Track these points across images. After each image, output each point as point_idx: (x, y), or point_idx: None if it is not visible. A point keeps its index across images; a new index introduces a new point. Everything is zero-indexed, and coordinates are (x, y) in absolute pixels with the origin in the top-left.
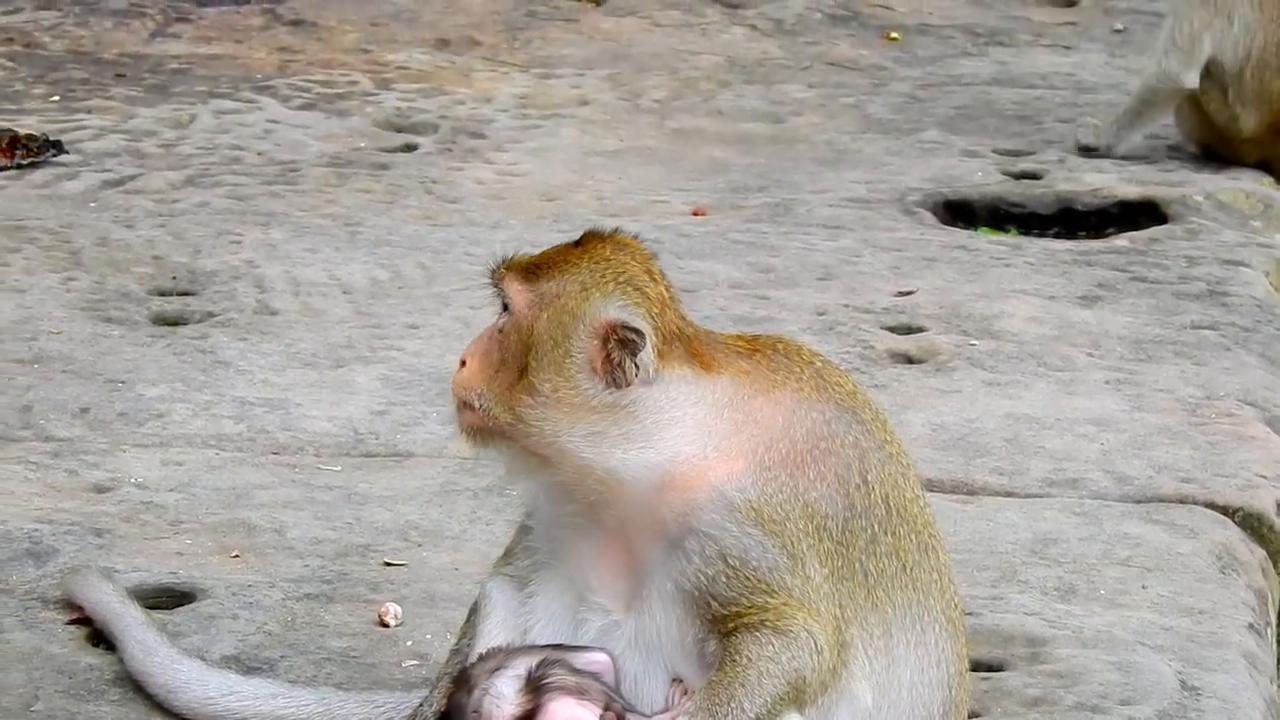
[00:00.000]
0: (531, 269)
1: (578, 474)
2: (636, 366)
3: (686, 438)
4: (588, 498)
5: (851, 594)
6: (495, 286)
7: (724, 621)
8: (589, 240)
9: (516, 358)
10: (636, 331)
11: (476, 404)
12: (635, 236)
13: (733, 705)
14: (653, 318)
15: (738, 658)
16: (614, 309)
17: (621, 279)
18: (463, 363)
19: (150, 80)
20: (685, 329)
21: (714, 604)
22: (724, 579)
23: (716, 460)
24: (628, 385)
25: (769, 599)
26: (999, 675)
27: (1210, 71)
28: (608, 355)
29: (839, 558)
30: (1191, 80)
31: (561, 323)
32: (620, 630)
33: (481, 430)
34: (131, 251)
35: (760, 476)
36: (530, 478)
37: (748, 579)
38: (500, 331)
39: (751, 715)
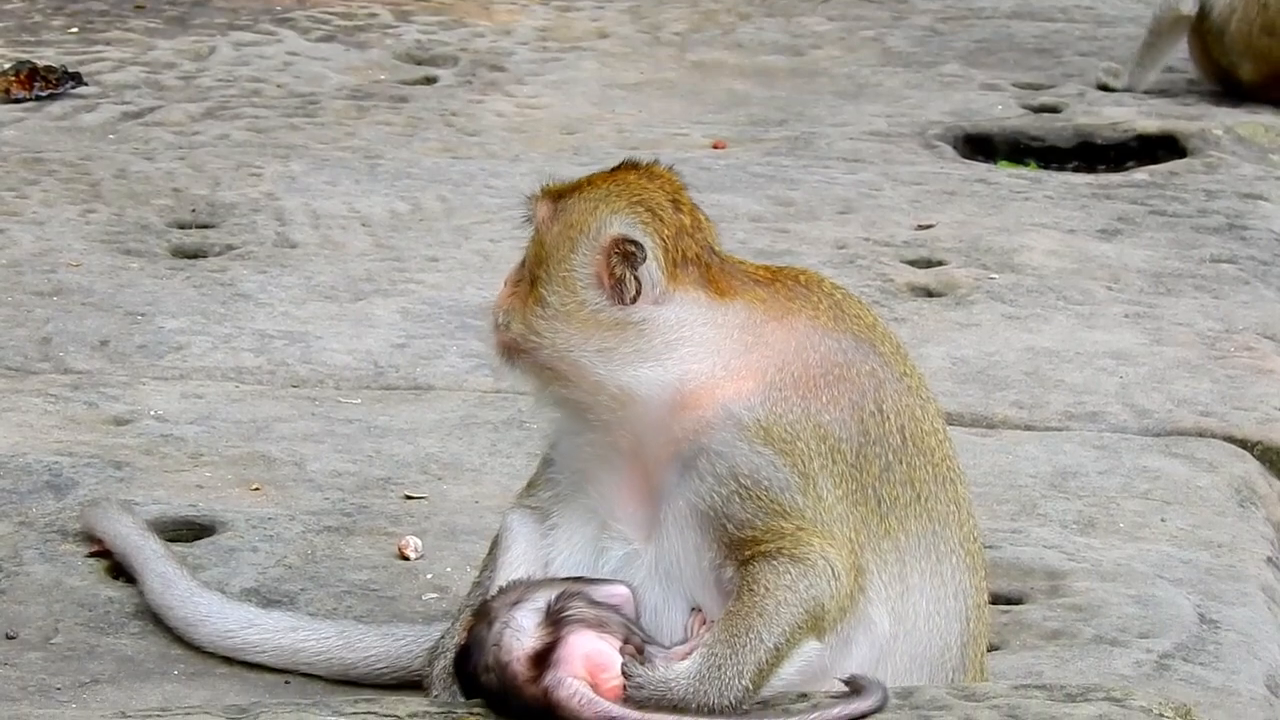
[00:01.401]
0: (561, 191)
1: (592, 391)
2: (638, 281)
3: (695, 356)
4: (603, 418)
5: (865, 519)
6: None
7: (740, 547)
8: (621, 167)
9: (531, 272)
10: (637, 245)
11: (500, 320)
12: (670, 168)
13: (751, 636)
14: (662, 238)
15: (755, 587)
16: (618, 224)
17: (635, 199)
18: (504, 284)
19: (170, 12)
20: (705, 257)
21: (729, 526)
22: (737, 499)
23: (725, 379)
24: (632, 301)
25: (782, 522)
26: (1018, 608)
27: (1208, 15)
28: (612, 269)
29: (852, 481)
30: (1189, 7)
31: (569, 236)
32: (641, 559)
33: (506, 347)
34: (151, 184)
35: (769, 396)
36: (552, 398)
37: (760, 499)
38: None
39: (770, 645)
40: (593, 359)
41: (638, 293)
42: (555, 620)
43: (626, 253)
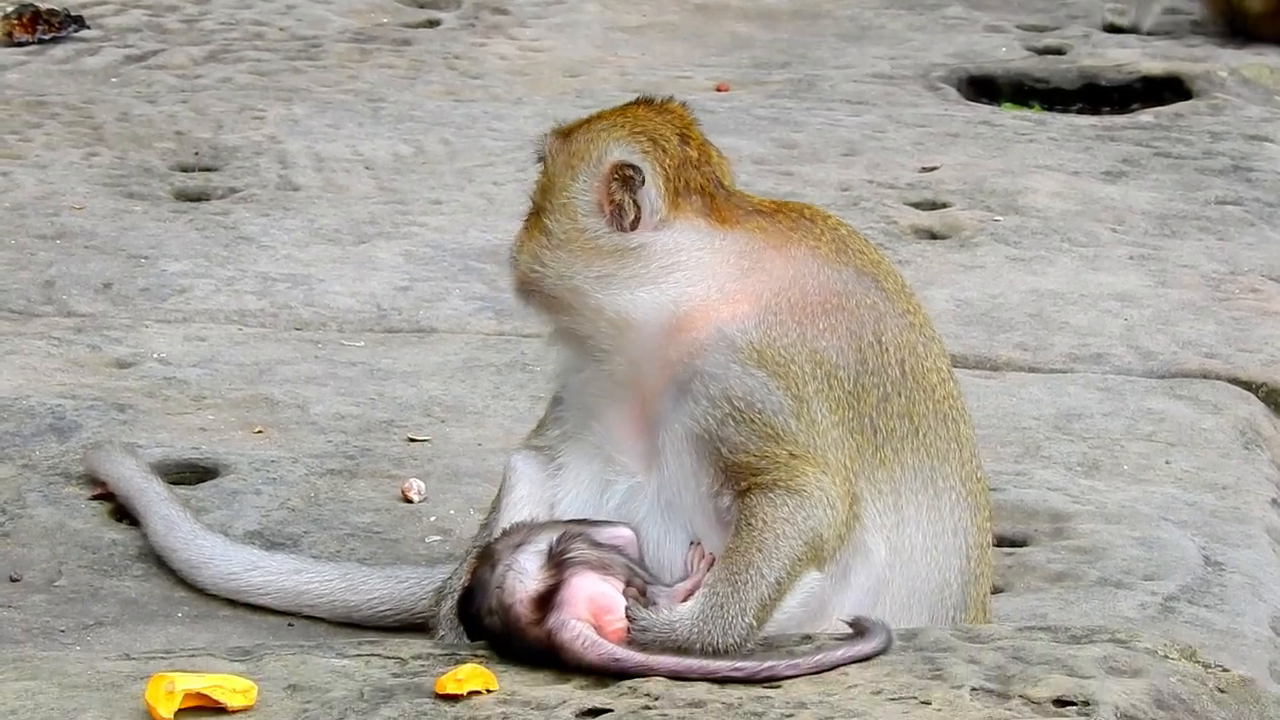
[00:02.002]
0: (572, 127)
1: (593, 318)
2: (637, 206)
3: (691, 280)
4: (603, 346)
5: (860, 448)
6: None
7: (736, 476)
8: (635, 102)
9: (536, 204)
10: (636, 170)
11: (512, 254)
12: (683, 104)
13: (751, 572)
14: (663, 167)
15: (753, 521)
16: (619, 150)
17: (638, 129)
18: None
19: None
20: (711, 189)
21: (723, 450)
22: (731, 422)
23: (721, 302)
24: (631, 226)
25: (775, 447)
26: (1022, 550)
27: None
28: (611, 195)
29: (849, 409)
30: None
31: (571, 165)
32: (644, 492)
33: (519, 283)
34: (154, 127)
35: (764, 319)
36: (559, 331)
37: (753, 422)
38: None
39: (771, 580)
40: (592, 285)
41: (636, 218)
42: (558, 562)
43: (626, 178)
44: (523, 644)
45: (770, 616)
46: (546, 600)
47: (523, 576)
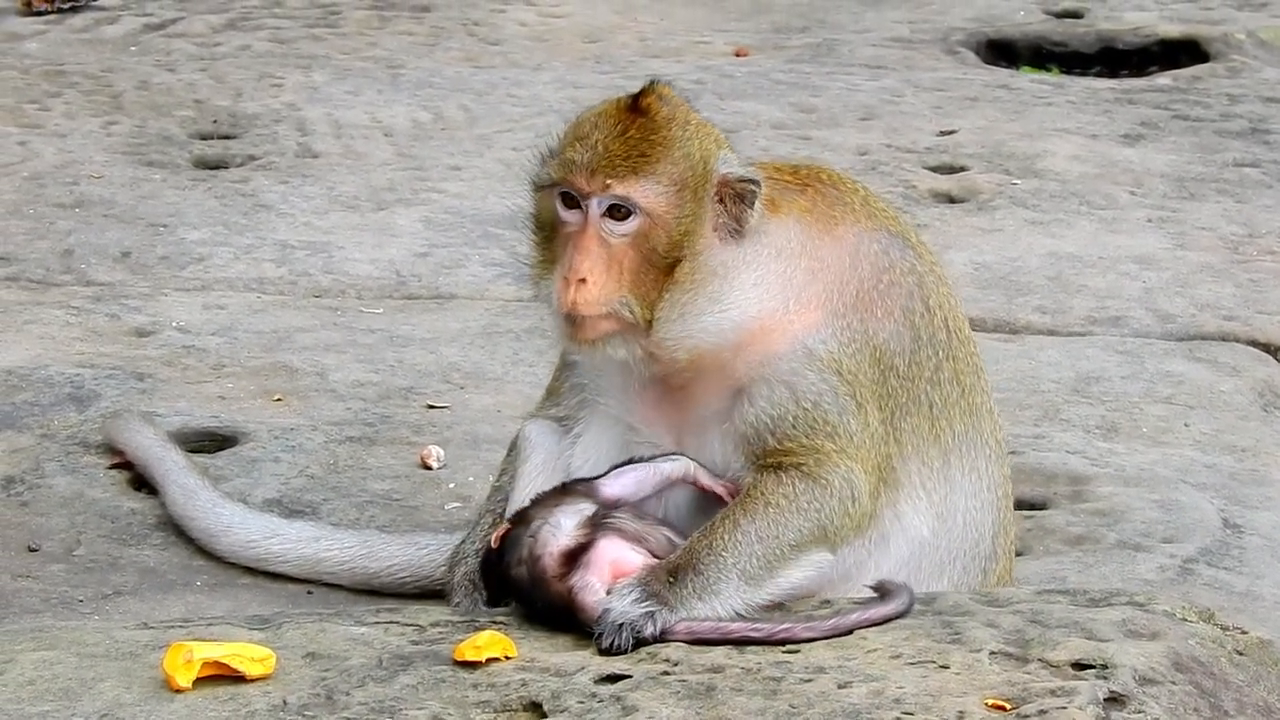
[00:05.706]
0: (635, 160)
1: (669, 348)
2: (752, 214)
3: (771, 293)
4: (667, 370)
5: (915, 428)
6: (586, 194)
7: (767, 455)
8: (650, 102)
9: (665, 252)
10: (755, 182)
11: (625, 311)
12: (669, 83)
13: (739, 537)
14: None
15: (756, 495)
16: (726, 167)
17: (712, 135)
18: (581, 280)
19: None
20: None
21: (770, 439)
22: (790, 419)
23: (796, 312)
24: (744, 236)
25: (824, 442)
26: (1041, 514)
27: None
28: (726, 210)
29: (904, 393)
30: None
31: (696, 196)
32: None
33: (615, 334)
34: (173, 95)
35: (837, 325)
36: (625, 362)
37: (814, 421)
38: (626, 236)
39: (767, 549)
40: (682, 316)
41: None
42: (594, 524)
43: (741, 192)
44: (544, 597)
45: (769, 586)
46: (575, 557)
47: (556, 531)
